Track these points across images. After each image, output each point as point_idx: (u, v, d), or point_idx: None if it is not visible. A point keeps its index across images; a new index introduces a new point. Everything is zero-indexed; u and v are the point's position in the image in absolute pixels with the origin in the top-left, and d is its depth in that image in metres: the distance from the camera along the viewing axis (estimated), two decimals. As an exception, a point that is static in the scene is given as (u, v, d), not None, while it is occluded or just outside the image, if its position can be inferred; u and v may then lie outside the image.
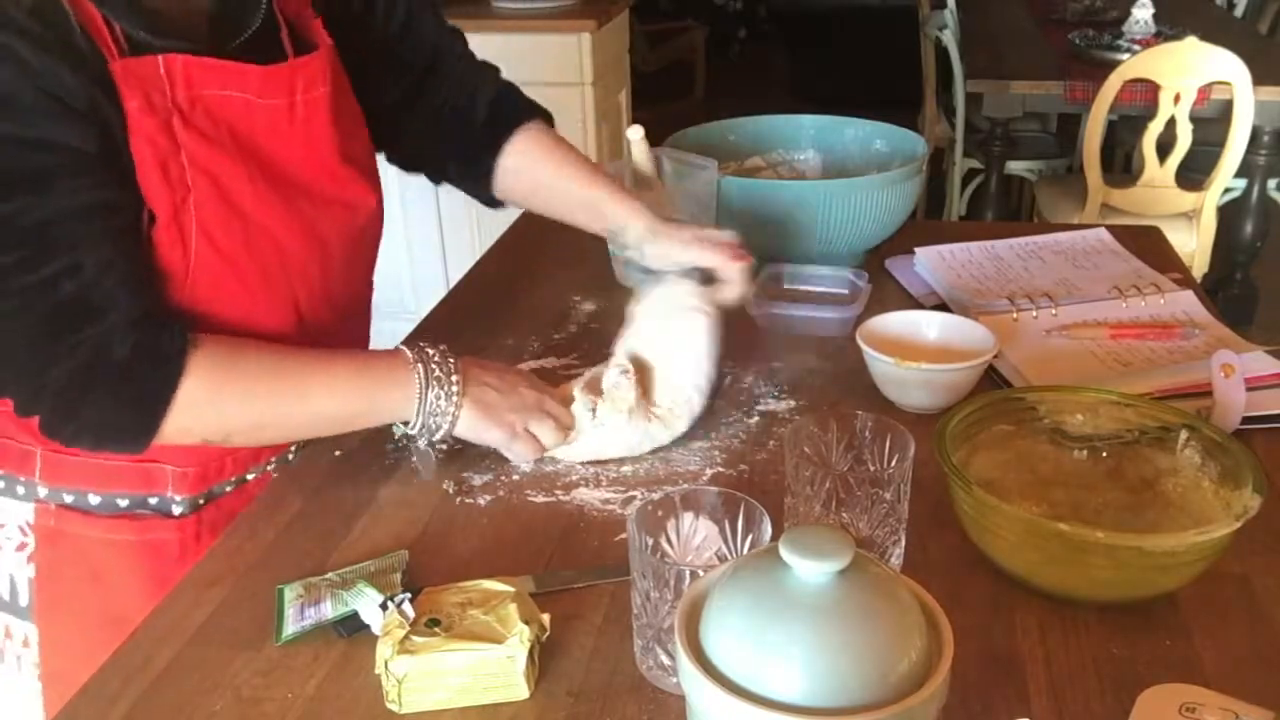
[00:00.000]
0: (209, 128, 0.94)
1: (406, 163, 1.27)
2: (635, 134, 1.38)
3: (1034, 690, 0.77)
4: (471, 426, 1.01)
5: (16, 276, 0.84)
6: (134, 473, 1.05)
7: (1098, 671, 0.79)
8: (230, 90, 0.95)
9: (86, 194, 0.86)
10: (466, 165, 1.26)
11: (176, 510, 1.07)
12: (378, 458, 1.08)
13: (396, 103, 1.19)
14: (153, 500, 1.06)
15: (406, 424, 1.00)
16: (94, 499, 1.05)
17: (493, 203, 1.28)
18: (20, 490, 1.05)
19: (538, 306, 1.41)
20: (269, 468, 1.13)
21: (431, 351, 1.00)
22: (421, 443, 1.01)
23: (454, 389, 0.99)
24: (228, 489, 1.10)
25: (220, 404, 0.93)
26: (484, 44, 1.33)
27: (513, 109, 1.25)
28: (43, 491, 1.05)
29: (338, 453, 1.08)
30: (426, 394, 0.98)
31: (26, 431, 1.03)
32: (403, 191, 3.27)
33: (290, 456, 1.14)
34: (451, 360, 1.00)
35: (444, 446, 1.06)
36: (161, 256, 0.93)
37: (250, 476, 1.12)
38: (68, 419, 0.90)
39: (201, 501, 1.08)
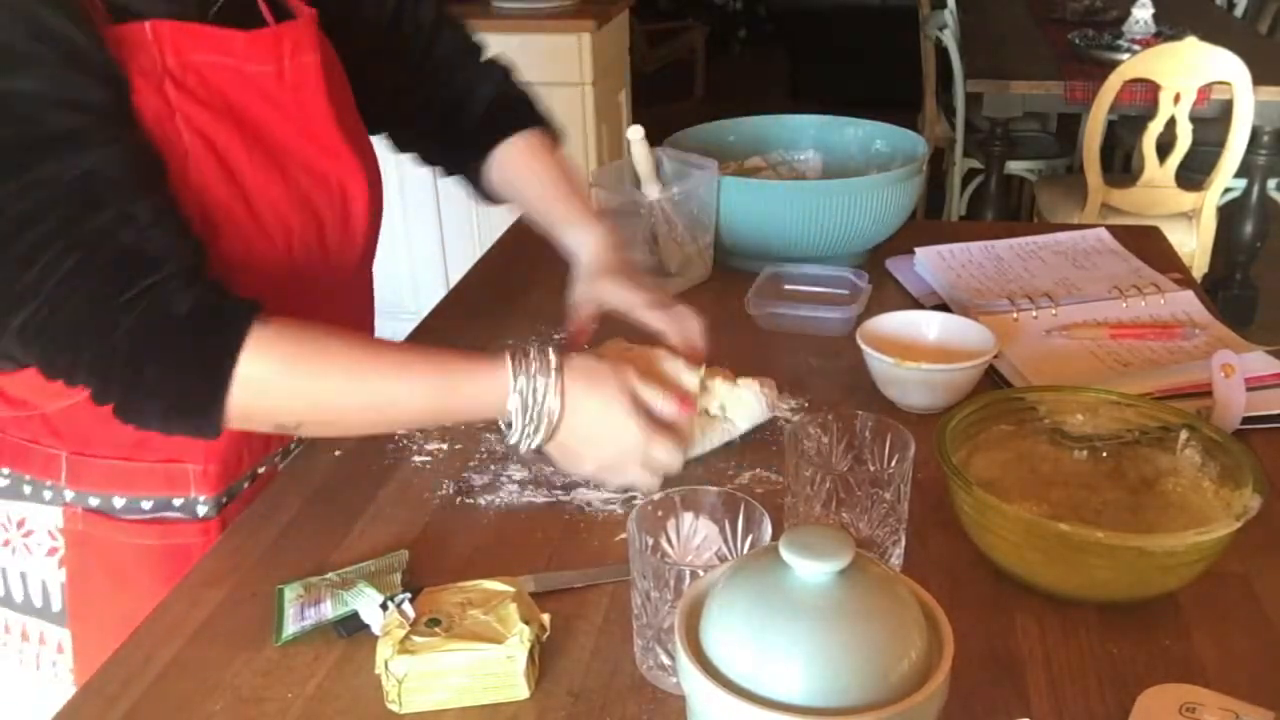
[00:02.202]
0: (202, 92, 0.93)
1: (401, 145, 1.27)
2: (635, 134, 1.38)
3: (1034, 690, 0.77)
4: (560, 458, 0.94)
5: (73, 229, 0.82)
6: (157, 475, 1.04)
7: (1098, 671, 0.79)
8: (217, 56, 0.94)
9: (125, 144, 0.86)
10: (456, 163, 1.26)
11: (201, 511, 1.06)
12: (378, 458, 1.08)
13: (394, 87, 1.19)
14: (177, 502, 1.05)
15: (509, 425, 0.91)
16: (118, 502, 1.04)
17: (486, 199, 1.27)
18: (48, 495, 1.05)
19: (538, 306, 1.41)
20: (275, 461, 1.12)
21: (532, 365, 0.89)
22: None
23: (542, 422, 0.90)
24: (245, 485, 1.10)
25: (289, 380, 0.86)
26: (484, 44, 1.33)
27: (511, 115, 1.23)
28: (69, 495, 1.04)
29: (338, 453, 1.08)
30: (518, 417, 0.89)
31: (53, 435, 1.03)
32: (403, 192, 3.27)
33: (293, 448, 1.14)
34: (550, 394, 0.89)
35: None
36: None
37: (261, 470, 1.12)
38: (136, 388, 0.85)
39: (225, 501, 1.08)
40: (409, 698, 0.77)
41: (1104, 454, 0.96)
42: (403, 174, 3.21)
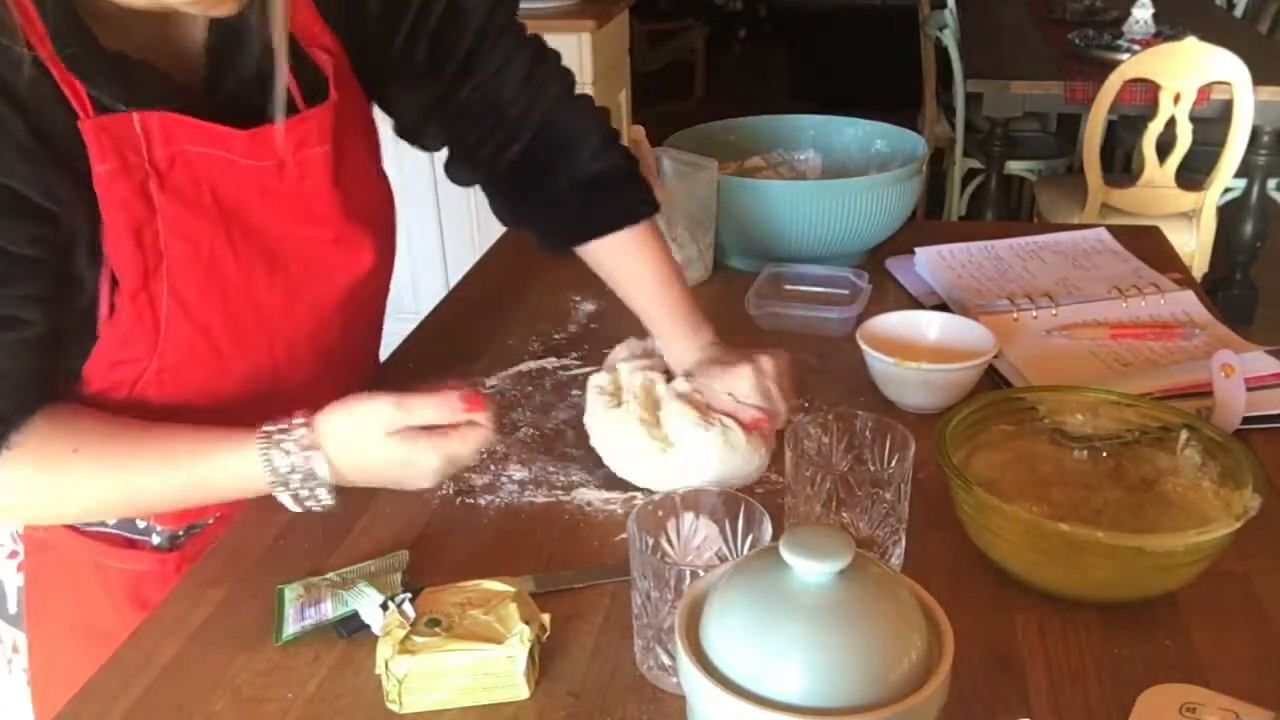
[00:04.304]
0: (189, 189, 0.88)
1: (461, 178, 1.23)
2: (635, 134, 1.38)
3: (1034, 690, 0.77)
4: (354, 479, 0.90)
5: None
6: None
7: (1098, 671, 0.79)
8: (214, 149, 0.89)
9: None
10: (546, 233, 1.17)
11: (155, 540, 1.05)
12: (378, 458, 1.07)
13: (427, 108, 1.13)
14: (140, 524, 1.04)
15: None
16: None
17: (554, 251, 1.18)
18: None
19: (538, 306, 1.41)
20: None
21: (282, 433, 0.86)
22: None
23: (317, 486, 0.87)
24: (209, 521, 1.07)
25: (32, 499, 0.89)
26: (484, 44, 1.32)
27: (626, 202, 1.13)
28: None
29: (338, 453, 1.08)
30: (284, 494, 0.87)
31: None
32: (403, 192, 3.27)
33: None
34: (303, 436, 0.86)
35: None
36: (126, 322, 0.89)
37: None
38: None
39: (181, 534, 1.06)
40: (409, 698, 0.77)
41: (1104, 454, 0.96)
42: (403, 174, 3.20)
